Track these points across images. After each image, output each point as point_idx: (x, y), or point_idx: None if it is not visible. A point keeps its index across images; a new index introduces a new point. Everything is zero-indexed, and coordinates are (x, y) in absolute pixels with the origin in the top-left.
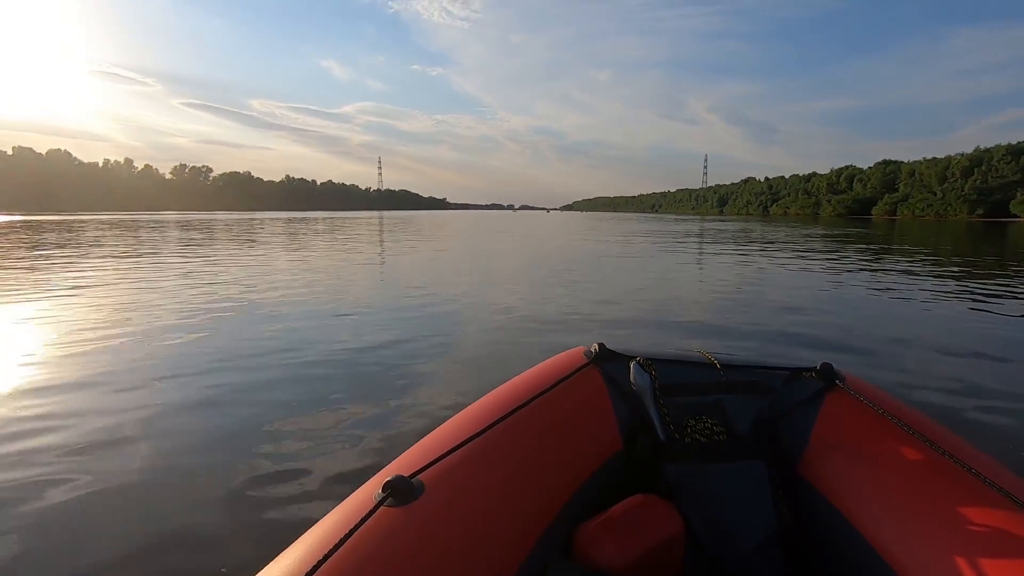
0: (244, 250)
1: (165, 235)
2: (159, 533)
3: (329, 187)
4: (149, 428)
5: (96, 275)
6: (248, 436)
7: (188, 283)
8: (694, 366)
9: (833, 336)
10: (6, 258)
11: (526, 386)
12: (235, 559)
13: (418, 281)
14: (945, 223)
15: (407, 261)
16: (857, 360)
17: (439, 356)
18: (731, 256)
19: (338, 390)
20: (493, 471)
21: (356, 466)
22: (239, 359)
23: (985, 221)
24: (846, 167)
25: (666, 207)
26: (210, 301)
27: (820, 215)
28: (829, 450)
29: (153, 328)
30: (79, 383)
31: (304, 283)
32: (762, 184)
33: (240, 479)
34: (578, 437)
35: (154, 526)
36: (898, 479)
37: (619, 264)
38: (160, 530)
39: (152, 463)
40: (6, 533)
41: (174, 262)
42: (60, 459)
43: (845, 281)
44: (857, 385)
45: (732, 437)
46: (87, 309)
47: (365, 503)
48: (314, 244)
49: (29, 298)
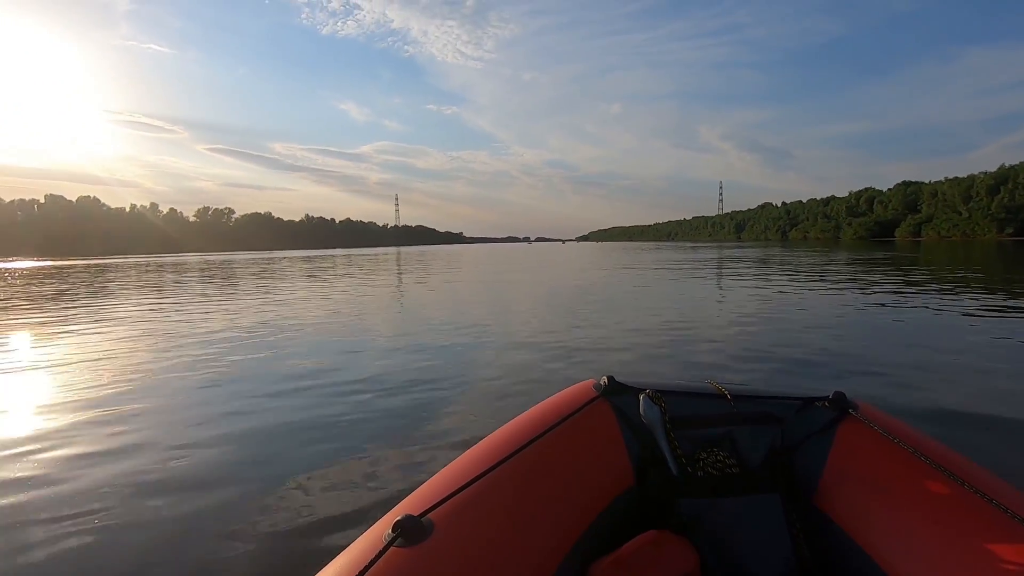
0: (264, 289)
1: (188, 276)
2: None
3: (347, 225)
4: (165, 465)
5: (120, 317)
6: (262, 473)
7: (210, 322)
8: (704, 397)
9: (865, 367)
10: (31, 304)
11: (536, 421)
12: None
13: (434, 314)
14: (973, 243)
15: (424, 295)
16: (896, 393)
17: (456, 389)
18: (753, 284)
19: (356, 426)
20: (503, 509)
21: (370, 502)
22: (257, 395)
23: (1016, 240)
24: (865, 189)
25: (682, 235)
26: (230, 339)
27: (841, 238)
28: (845, 481)
29: (176, 366)
30: (105, 421)
31: (323, 318)
32: (779, 209)
33: (253, 518)
34: (589, 472)
35: (161, 565)
36: (917, 510)
37: (634, 294)
38: (171, 569)
39: (167, 501)
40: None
41: (196, 301)
42: (85, 491)
43: (886, 307)
44: (871, 414)
45: (745, 469)
46: (117, 347)
47: (375, 543)
48: (333, 281)
49: (57, 341)
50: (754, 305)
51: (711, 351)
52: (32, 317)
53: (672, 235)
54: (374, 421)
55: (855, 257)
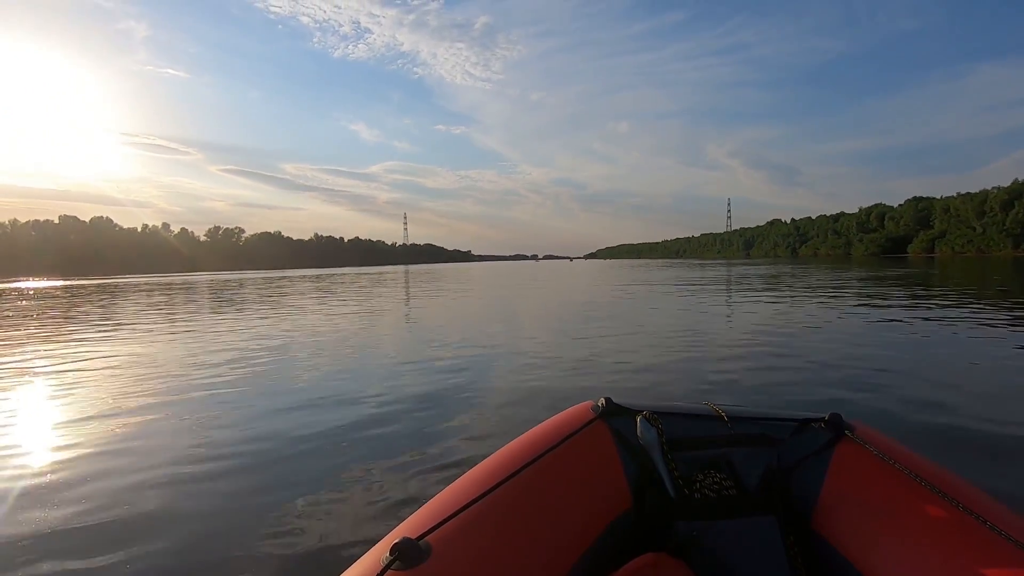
0: (272, 308)
1: (197, 296)
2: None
3: (356, 243)
4: (164, 483)
5: (127, 337)
6: (259, 494)
7: (213, 342)
8: (701, 419)
9: (882, 388)
10: (43, 323)
11: (534, 443)
12: None
13: (437, 334)
14: (989, 259)
15: (429, 314)
16: (911, 414)
17: (458, 409)
18: (764, 302)
19: (356, 445)
20: (501, 532)
21: (369, 524)
22: (257, 416)
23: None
24: (876, 205)
25: (690, 252)
26: (233, 358)
27: (852, 255)
28: (841, 503)
29: (187, 387)
30: (113, 441)
31: (327, 337)
32: (789, 225)
33: (249, 541)
34: (586, 495)
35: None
36: (914, 533)
37: (639, 313)
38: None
39: (165, 522)
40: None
41: (205, 321)
42: (100, 508)
43: (904, 324)
44: (867, 435)
45: (742, 491)
46: (123, 367)
47: (373, 567)
48: (339, 300)
49: (71, 358)
50: (765, 325)
51: (716, 372)
52: (46, 333)
53: (680, 252)
54: (375, 441)
55: (870, 274)
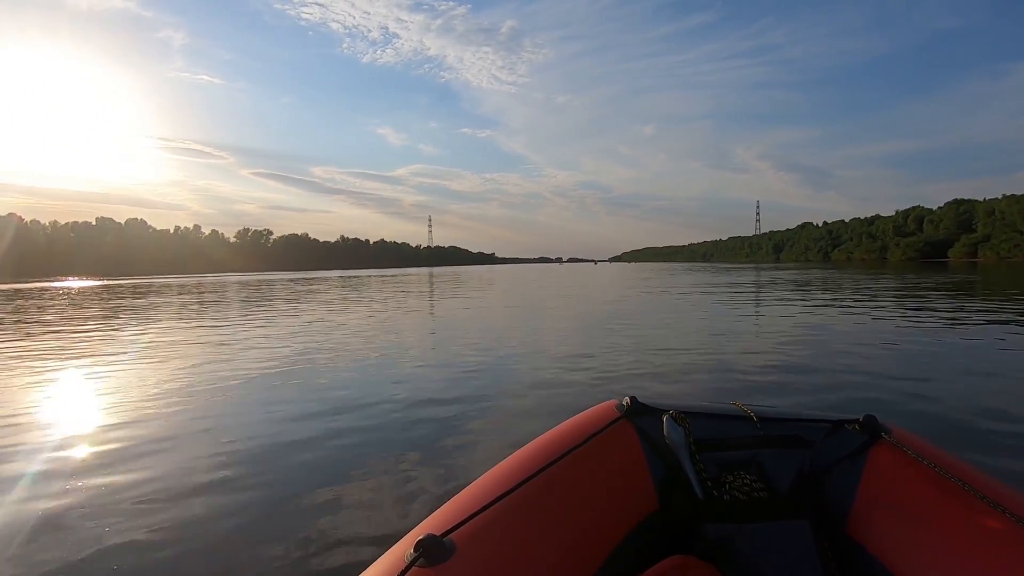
0: (300, 308)
1: (227, 296)
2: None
3: (381, 245)
4: (191, 478)
5: (161, 337)
6: (285, 490)
7: (246, 341)
8: (730, 419)
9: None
10: (66, 322)
11: (558, 442)
12: None
13: (463, 334)
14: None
15: (455, 315)
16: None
17: (483, 408)
18: (802, 310)
19: (388, 444)
20: (525, 531)
21: (394, 520)
22: (283, 413)
23: None
24: (914, 208)
25: (718, 256)
26: (267, 357)
27: (888, 259)
28: (878, 508)
29: (214, 386)
30: (148, 439)
31: (353, 336)
32: (821, 229)
33: (274, 536)
34: (612, 495)
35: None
36: (954, 539)
37: (664, 313)
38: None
39: (192, 515)
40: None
41: (233, 321)
42: (131, 503)
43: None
44: (904, 438)
45: (772, 494)
46: (158, 365)
47: (397, 563)
48: (366, 300)
49: (114, 355)
50: (804, 332)
51: (745, 374)
52: (86, 331)
53: (707, 256)
54: (400, 439)
55: (913, 280)
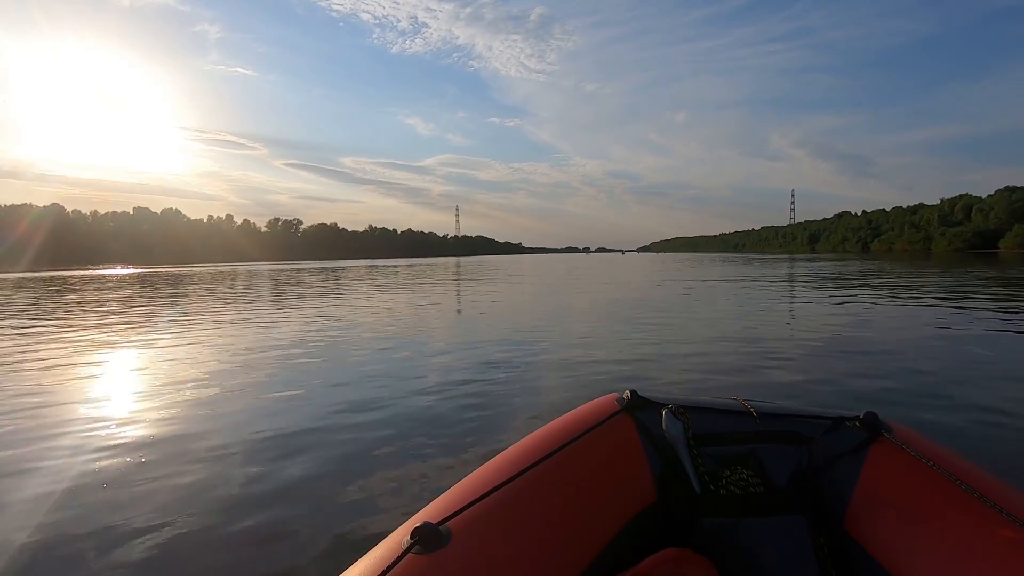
0: (328, 297)
1: (258, 283)
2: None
3: (408, 235)
4: (197, 463)
5: (198, 323)
6: (284, 477)
7: (274, 327)
8: (729, 414)
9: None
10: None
11: (557, 433)
12: None
13: (484, 325)
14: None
15: (479, 305)
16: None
17: (490, 398)
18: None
19: (406, 432)
20: (522, 520)
21: (393, 509)
22: (295, 400)
23: None
24: (961, 196)
25: (750, 246)
26: (297, 341)
27: (933, 250)
28: (876, 506)
29: (244, 370)
30: (162, 418)
31: (373, 326)
32: (860, 219)
33: (273, 523)
34: (609, 487)
35: (184, 561)
36: (954, 540)
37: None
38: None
39: (192, 498)
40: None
41: (264, 309)
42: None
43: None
44: (905, 436)
45: (770, 489)
46: (192, 350)
47: (393, 550)
48: (395, 289)
49: (157, 340)
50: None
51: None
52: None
53: (739, 246)
54: (430, 427)
55: (976, 273)
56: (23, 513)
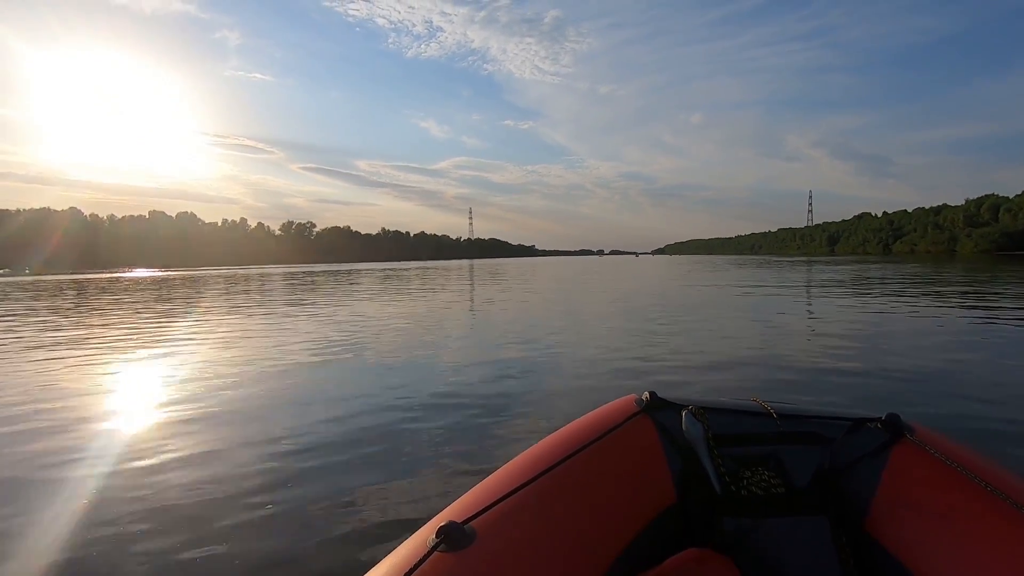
0: (344, 299)
1: (272, 287)
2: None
3: (422, 237)
4: (218, 463)
5: (213, 326)
6: (312, 478)
7: (287, 332)
8: (749, 415)
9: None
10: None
11: (577, 434)
12: None
13: (498, 330)
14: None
15: (493, 310)
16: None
17: (509, 400)
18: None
19: (426, 433)
20: (544, 520)
21: (418, 506)
22: (316, 403)
23: None
24: (987, 196)
25: (767, 248)
26: (311, 347)
27: (958, 252)
28: (899, 507)
29: (264, 374)
30: (180, 420)
31: (390, 327)
32: (880, 219)
33: (299, 521)
34: (630, 488)
35: (211, 560)
36: (978, 541)
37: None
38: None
39: (213, 498)
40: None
41: (277, 312)
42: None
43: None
44: (927, 437)
45: (791, 490)
46: (211, 353)
47: (419, 548)
48: (408, 292)
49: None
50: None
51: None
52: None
53: (756, 248)
54: (427, 429)
55: (994, 276)
56: (68, 498)
